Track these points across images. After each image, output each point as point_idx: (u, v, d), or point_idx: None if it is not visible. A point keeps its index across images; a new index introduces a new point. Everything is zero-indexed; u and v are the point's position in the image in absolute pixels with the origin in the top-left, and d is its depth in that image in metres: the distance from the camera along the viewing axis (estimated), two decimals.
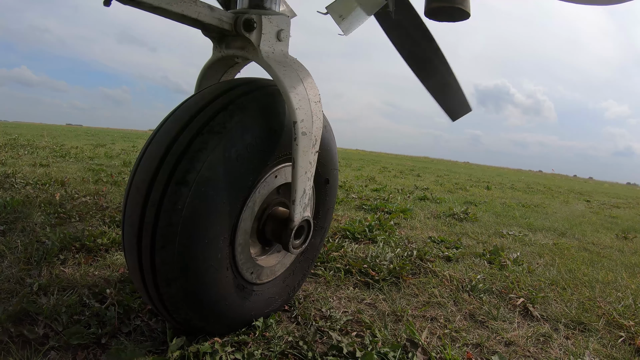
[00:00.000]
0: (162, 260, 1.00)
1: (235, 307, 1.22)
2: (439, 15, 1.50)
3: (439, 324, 1.51)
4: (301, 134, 1.13)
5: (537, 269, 2.31)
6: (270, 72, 1.16)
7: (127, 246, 1.06)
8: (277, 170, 1.24)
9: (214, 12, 1.12)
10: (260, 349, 1.20)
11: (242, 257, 1.19)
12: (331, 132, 1.47)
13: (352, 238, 2.54)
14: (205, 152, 1.01)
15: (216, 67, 1.36)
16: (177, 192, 0.98)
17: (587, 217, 5.15)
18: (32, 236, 1.96)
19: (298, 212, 1.21)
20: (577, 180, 29.88)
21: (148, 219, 1.00)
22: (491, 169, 27.25)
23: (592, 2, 2.01)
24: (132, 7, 0.99)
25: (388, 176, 8.47)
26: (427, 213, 3.90)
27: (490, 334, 1.46)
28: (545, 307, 1.74)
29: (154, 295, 1.07)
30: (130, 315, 1.29)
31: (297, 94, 1.13)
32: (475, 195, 6.24)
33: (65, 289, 1.45)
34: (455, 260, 2.30)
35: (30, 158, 5.35)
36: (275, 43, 1.21)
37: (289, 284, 1.45)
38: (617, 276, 2.30)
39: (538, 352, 1.37)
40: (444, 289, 1.84)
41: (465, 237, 3.01)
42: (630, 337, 1.53)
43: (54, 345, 1.12)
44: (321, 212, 1.51)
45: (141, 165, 1.05)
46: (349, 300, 1.64)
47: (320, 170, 1.42)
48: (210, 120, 1.05)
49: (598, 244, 3.33)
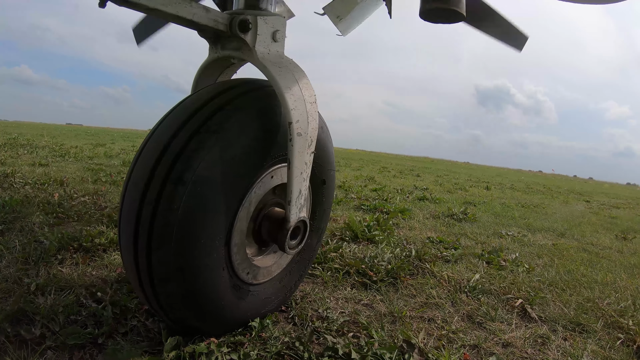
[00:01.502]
0: (158, 259, 1.00)
1: (232, 307, 1.21)
2: (433, 17, 1.49)
3: (436, 325, 1.50)
4: (296, 134, 1.13)
5: (536, 269, 2.30)
6: (266, 73, 1.16)
7: (124, 245, 1.06)
8: (273, 171, 1.23)
9: (209, 13, 1.12)
10: (256, 349, 1.20)
11: (238, 257, 1.19)
12: (328, 132, 1.47)
13: (351, 238, 2.54)
14: (202, 151, 1.01)
15: (212, 68, 1.36)
16: (173, 191, 0.98)
17: (587, 217, 5.15)
18: (30, 236, 1.96)
19: (294, 212, 1.20)
20: (577, 180, 29.89)
21: (144, 217, 1.00)
22: (491, 169, 27.25)
23: (590, 1, 2.01)
24: (127, 8, 0.99)
25: (388, 176, 8.47)
26: (426, 213, 3.89)
27: (487, 335, 1.45)
28: (544, 308, 1.73)
29: (150, 295, 1.07)
30: (127, 316, 1.29)
31: (292, 95, 1.13)
32: (474, 196, 6.23)
33: (62, 289, 1.45)
34: (454, 261, 2.30)
35: (30, 157, 5.36)
36: (271, 44, 1.21)
37: (285, 284, 1.44)
38: (616, 277, 2.29)
39: (536, 354, 1.37)
40: (441, 290, 1.84)
41: (464, 237, 3.00)
42: (630, 338, 1.52)
43: (50, 345, 1.12)
44: (318, 213, 1.51)
45: (138, 164, 1.05)
46: (346, 300, 1.63)
47: (317, 171, 1.42)
48: (208, 119, 1.05)
49: (597, 244, 3.32)
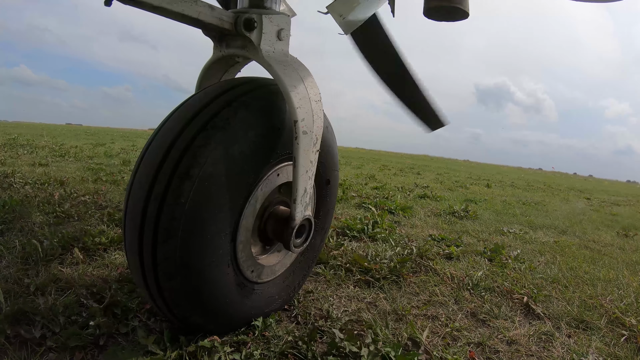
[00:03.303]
0: (164, 254, 1.00)
1: (235, 305, 1.21)
2: (437, 15, 1.49)
3: (441, 322, 1.50)
4: (302, 132, 1.13)
5: (538, 267, 2.30)
6: (271, 72, 1.15)
7: (129, 240, 1.05)
8: (279, 169, 1.23)
9: (215, 12, 1.11)
10: (259, 349, 1.19)
11: (243, 255, 1.19)
12: (332, 133, 1.47)
13: (352, 236, 2.53)
14: (209, 147, 1.01)
15: (217, 66, 1.36)
16: (180, 186, 0.98)
17: (588, 214, 5.15)
18: (30, 236, 1.95)
19: (299, 211, 1.20)
20: (577, 178, 29.92)
21: (151, 212, 1.00)
22: (491, 167, 27.27)
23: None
24: (132, 7, 0.99)
25: (388, 174, 8.46)
26: (428, 211, 3.89)
27: (492, 333, 1.45)
28: (547, 306, 1.73)
29: (154, 291, 1.07)
30: (129, 316, 1.28)
31: (297, 93, 1.13)
32: (475, 193, 6.23)
33: (63, 289, 1.44)
34: (456, 258, 2.30)
35: (30, 157, 5.34)
36: (276, 42, 1.21)
37: (289, 284, 1.44)
38: (619, 274, 2.29)
39: (540, 351, 1.37)
40: (444, 288, 1.83)
41: (466, 235, 3.00)
42: (633, 335, 1.52)
43: (51, 345, 1.11)
44: (322, 213, 1.51)
45: (145, 159, 1.05)
46: (349, 299, 1.63)
47: (322, 170, 1.41)
48: (215, 116, 1.05)
49: (599, 241, 3.32)
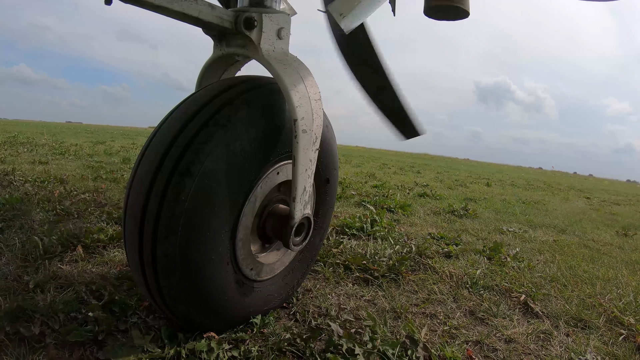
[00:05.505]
0: (164, 251, 1.00)
1: (234, 303, 1.21)
2: (438, 14, 1.49)
3: (439, 320, 1.50)
4: (301, 131, 1.13)
5: (537, 265, 2.31)
6: (271, 70, 1.16)
7: (128, 237, 1.06)
8: (279, 167, 1.24)
9: (215, 11, 1.11)
10: (257, 346, 1.20)
11: (242, 253, 1.19)
12: (332, 132, 1.47)
13: (351, 234, 2.54)
14: (209, 144, 1.01)
15: (217, 65, 1.36)
16: (181, 183, 0.99)
17: (587, 214, 5.15)
18: (30, 233, 1.95)
19: (298, 209, 1.21)
20: (577, 177, 29.91)
21: (151, 209, 1.00)
22: (491, 166, 27.28)
23: None
24: (133, 5, 0.99)
25: (388, 173, 8.47)
26: (427, 209, 3.89)
27: (490, 331, 1.46)
28: (546, 304, 1.74)
29: (153, 288, 1.07)
30: (128, 313, 1.29)
31: (297, 92, 1.13)
32: (475, 192, 6.24)
33: (62, 287, 1.45)
34: (455, 257, 2.30)
35: (30, 156, 5.34)
36: (276, 41, 1.21)
37: (288, 282, 1.45)
38: (618, 273, 2.30)
39: (539, 350, 1.37)
40: (443, 286, 1.84)
41: (465, 233, 3.01)
42: (631, 334, 1.53)
43: (50, 342, 1.11)
44: (321, 212, 1.51)
45: (146, 156, 1.06)
46: (348, 296, 1.64)
47: (321, 169, 1.42)
48: (216, 113, 1.05)
49: (598, 240, 3.33)
